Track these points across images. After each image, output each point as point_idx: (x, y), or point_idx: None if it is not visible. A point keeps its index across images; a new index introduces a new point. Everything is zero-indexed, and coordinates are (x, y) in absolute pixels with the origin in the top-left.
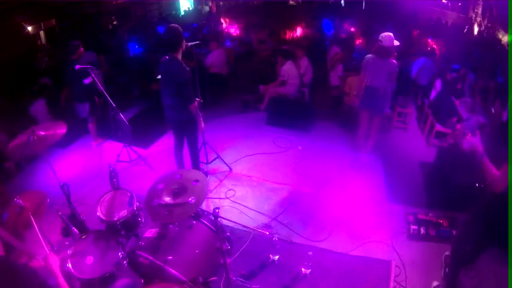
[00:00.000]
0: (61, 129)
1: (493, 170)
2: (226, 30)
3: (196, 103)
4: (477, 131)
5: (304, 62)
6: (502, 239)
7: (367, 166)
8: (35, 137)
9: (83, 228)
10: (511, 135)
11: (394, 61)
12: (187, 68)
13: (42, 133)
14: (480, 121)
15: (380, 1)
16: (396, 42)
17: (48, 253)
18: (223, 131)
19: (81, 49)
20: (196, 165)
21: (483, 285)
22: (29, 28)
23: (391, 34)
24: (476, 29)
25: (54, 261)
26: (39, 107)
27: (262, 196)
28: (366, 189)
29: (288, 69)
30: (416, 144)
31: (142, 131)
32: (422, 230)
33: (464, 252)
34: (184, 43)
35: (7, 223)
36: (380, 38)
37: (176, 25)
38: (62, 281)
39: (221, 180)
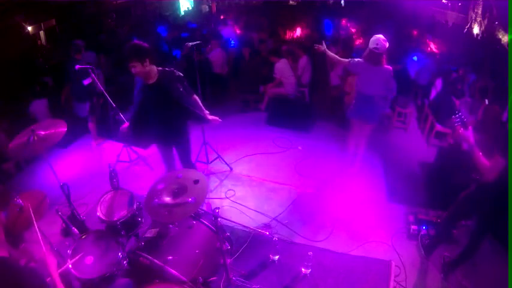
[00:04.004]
0: (61, 128)
1: (484, 161)
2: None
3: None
4: (469, 124)
5: (303, 62)
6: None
7: (366, 166)
8: (35, 137)
9: (83, 228)
10: (511, 135)
11: (388, 66)
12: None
13: (42, 133)
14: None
15: (380, 1)
16: (387, 44)
17: (46, 252)
18: (223, 130)
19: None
20: None
21: (483, 285)
22: (29, 28)
23: (382, 36)
24: (476, 29)
25: (51, 261)
26: (40, 106)
27: (262, 196)
28: (366, 189)
29: (281, 67)
30: (416, 144)
31: (143, 131)
32: (422, 230)
33: (462, 209)
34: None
35: (7, 223)
36: (375, 44)
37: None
38: (58, 281)
39: (221, 180)
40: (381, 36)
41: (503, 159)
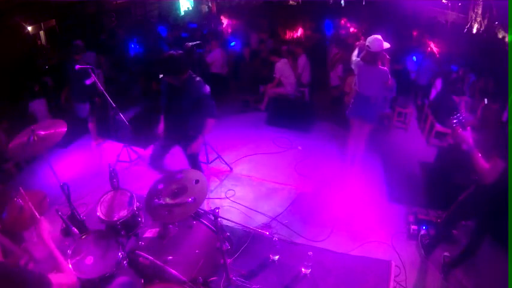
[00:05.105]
0: (61, 128)
1: (482, 163)
2: (226, 29)
3: None
4: (467, 125)
5: (302, 61)
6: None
7: (366, 166)
8: (35, 137)
9: (83, 228)
10: (511, 135)
11: (384, 68)
12: None
13: (42, 133)
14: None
15: (380, 1)
16: (386, 45)
17: (40, 219)
18: (223, 131)
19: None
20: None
21: (483, 284)
22: (29, 28)
23: (379, 37)
24: (476, 29)
25: (44, 228)
26: (39, 105)
27: (262, 196)
28: (366, 189)
29: (281, 67)
30: (417, 144)
31: (143, 131)
32: (422, 230)
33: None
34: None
35: (6, 223)
36: (367, 42)
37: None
38: (53, 247)
39: (221, 180)
40: (378, 36)
41: (502, 161)
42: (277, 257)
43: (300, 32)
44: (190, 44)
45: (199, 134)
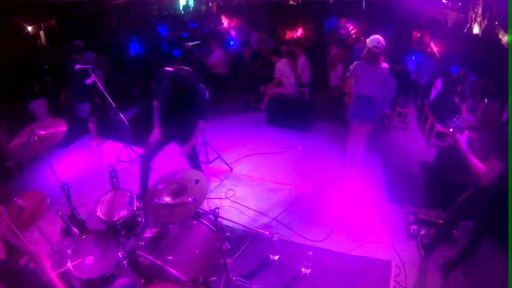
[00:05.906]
0: (61, 128)
1: (478, 165)
2: (226, 29)
3: None
4: (465, 129)
5: (302, 61)
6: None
7: (366, 166)
8: (35, 137)
9: (83, 228)
10: (511, 135)
11: (385, 64)
12: None
13: (42, 133)
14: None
15: (380, 1)
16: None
17: (40, 251)
18: (223, 131)
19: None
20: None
21: (483, 284)
22: (29, 28)
23: (380, 36)
24: (476, 29)
25: (44, 259)
26: (39, 105)
27: (262, 196)
28: (366, 189)
29: (281, 67)
30: (417, 144)
31: (142, 131)
32: (422, 230)
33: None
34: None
35: (7, 223)
36: (376, 43)
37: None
38: (53, 276)
39: (221, 180)
40: (379, 36)
41: (499, 162)
42: (277, 257)
43: (299, 32)
44: (191, 44)
45: (195, 134)
